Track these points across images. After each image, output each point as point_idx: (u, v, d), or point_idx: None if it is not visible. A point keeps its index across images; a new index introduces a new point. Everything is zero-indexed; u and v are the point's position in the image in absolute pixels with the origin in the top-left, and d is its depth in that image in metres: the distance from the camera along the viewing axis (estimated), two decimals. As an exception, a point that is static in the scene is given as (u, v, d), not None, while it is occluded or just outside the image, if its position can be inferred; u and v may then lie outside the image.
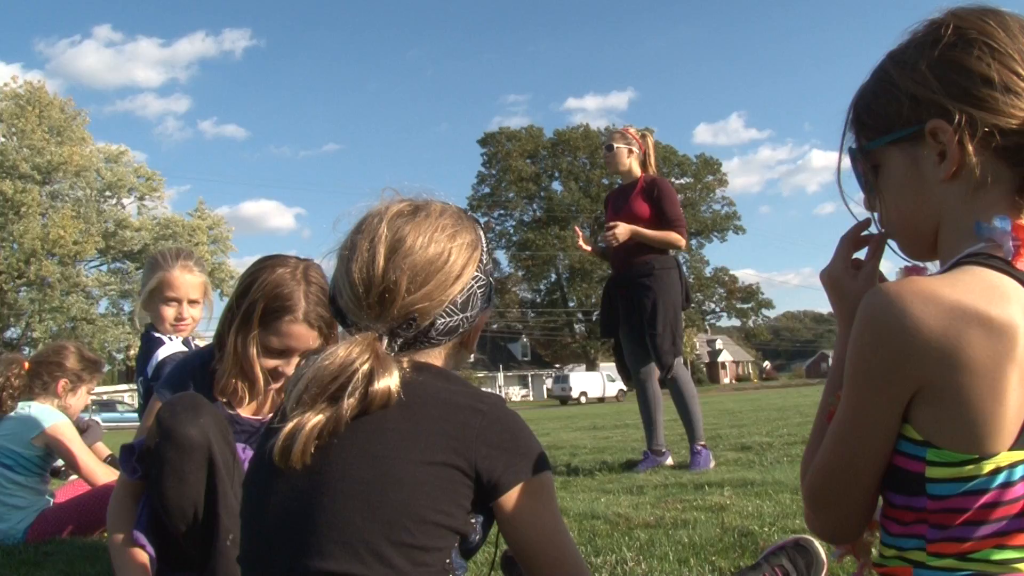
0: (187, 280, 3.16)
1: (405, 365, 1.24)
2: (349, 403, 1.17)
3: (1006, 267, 0.98)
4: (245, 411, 2.21)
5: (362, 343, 1.21)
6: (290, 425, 1.17)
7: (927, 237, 1.13)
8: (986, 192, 1.04)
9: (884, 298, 0.96)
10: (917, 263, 1.19)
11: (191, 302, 3.19)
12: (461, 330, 1.33)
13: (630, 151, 5.13)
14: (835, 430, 1.06)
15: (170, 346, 3.09)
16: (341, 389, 1.18)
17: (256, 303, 2.06)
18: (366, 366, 1.18)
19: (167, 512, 1.92)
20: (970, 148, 1.03)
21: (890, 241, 1.21)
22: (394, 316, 1.25)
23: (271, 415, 2.23)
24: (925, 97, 1.06)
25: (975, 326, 0.92)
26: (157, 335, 3.14)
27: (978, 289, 0.95)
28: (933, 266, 1.16)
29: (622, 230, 4.91)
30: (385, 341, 1.24)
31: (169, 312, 3.13)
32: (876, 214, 1.21)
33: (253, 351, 2.09)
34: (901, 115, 1.09)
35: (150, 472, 1.94)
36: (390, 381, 1.19)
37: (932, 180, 1.08)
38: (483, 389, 1.34)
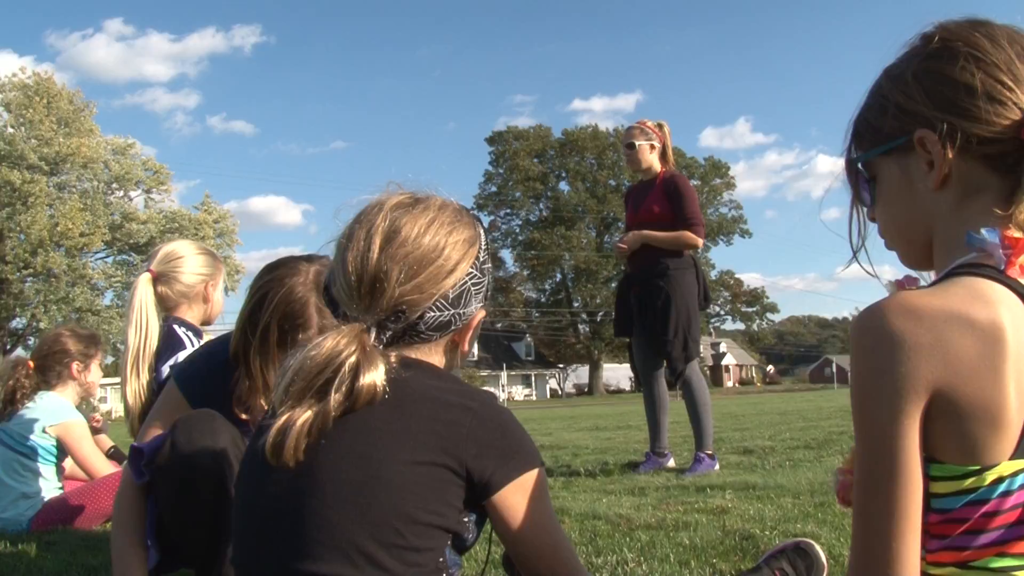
0: None
1: (393, 360, 1.23)
2: (336, 398, 1.16)
3: (997, 275, 0.99)
4: None
5: (349, 334, 1.20)
6: (280, 421, 1.17)
7: (922, 246, 1.14)
8: (975, 200, 1.06)
9: (867, 318, 0.97)
10: (910, 274, 1.20)
11: None
12: (452, 327, 1.32)
13: (652, 147, 5.02)
14: (859, 477, 0.99)
15: (191, 351, 2.82)
16: (328, 383, 1.17)
17: (270, 325, 1.95)
18: (352, 359, 1.17)
19: (175, 531, 1.90)
20: (950, 156, 1.04)
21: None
22: (383, 307, 1.24)
23: None
24: (912, 108, 1.09)
25: (959, 329, 0.93)
26: (180, 333, 2.89)
27: (962, 295, 0.96)
28: (926, 278, 1.16)
29: (631, 239, 4.89)
30: (373, 333, 1.23)
31: None
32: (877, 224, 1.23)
33: (275, 374, 2.03)
34: (891, 126, 1.12)
35: (160, 491, 1.90)
36: (376, 376, 1.18)
37: (922, 189, 1.10)
38: (481, 387, 1.34)
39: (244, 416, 2.07)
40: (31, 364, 3.72)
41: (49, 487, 3.61)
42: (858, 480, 0.98)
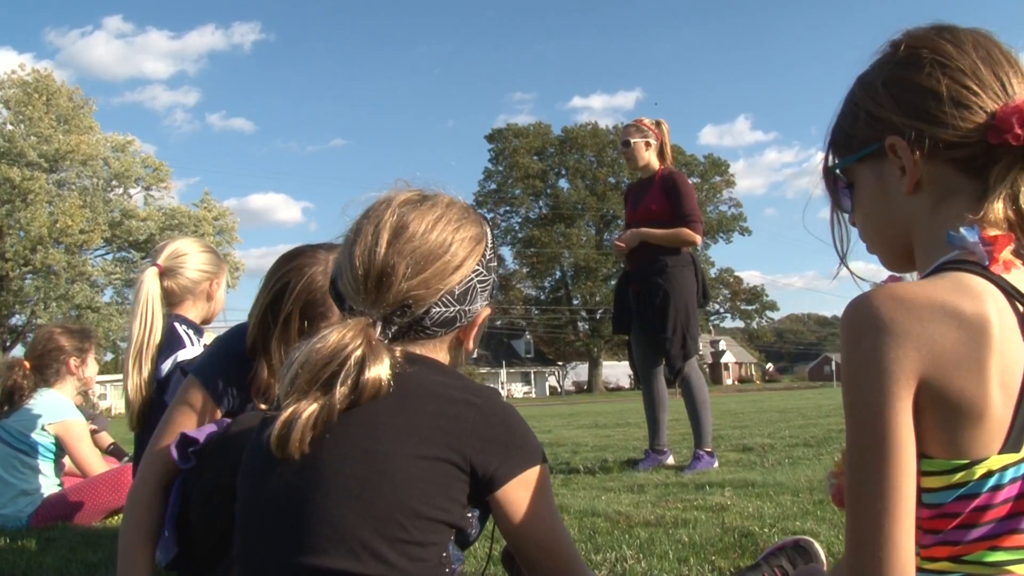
0: None
1: (398, 355, 1.23)
2: (341, 392, 1.17)
3: (981, 271, 1.00)
4: None
5: (355, 328, 1.21)
6: (286, 413, 1.17)
7: (903, 250, 1.16)
8: (950, 203, 1.08)
9: (856, 306, 0.98)
10: (894, 275, 1.21)
11: None
12: (458, 323, 1.33)
13: (648, 144, 5.01)
14: (850, 461, 0.99)
15: (191, 350, 2.84)
16: (333, 376, 1.17)
17: (292, 314, 1.96)
18: (358, 352, 1.18)
19: (200, 525, 1.89)
20: (917, 160, 1.07)
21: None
22: (389, 302, 1.25)
23: None
24: (882, 115, 1.11)
25: (946, 320, 0.94)
26: (180, 331, 2.88)
27: (949, 287, 0.98)
28: (911, 279, 1.18)
29: (629, 237, 4.89)
30: (379, 327, 1.24)
31: None
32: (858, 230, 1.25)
33: None
34: (864, 134, 1.15)
35: (202, 480, 1.87)
36: (381, 370, 1.18)
37: (897, 194, 1.12)
38: (480, 383, 1.34)
39: (263, 407, 2.06)
40: (27, 364, 3.72)
41: (48, 484, 3.62)
42: (850, 465, 0.98)
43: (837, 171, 1.21)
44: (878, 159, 1.13)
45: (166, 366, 2.77)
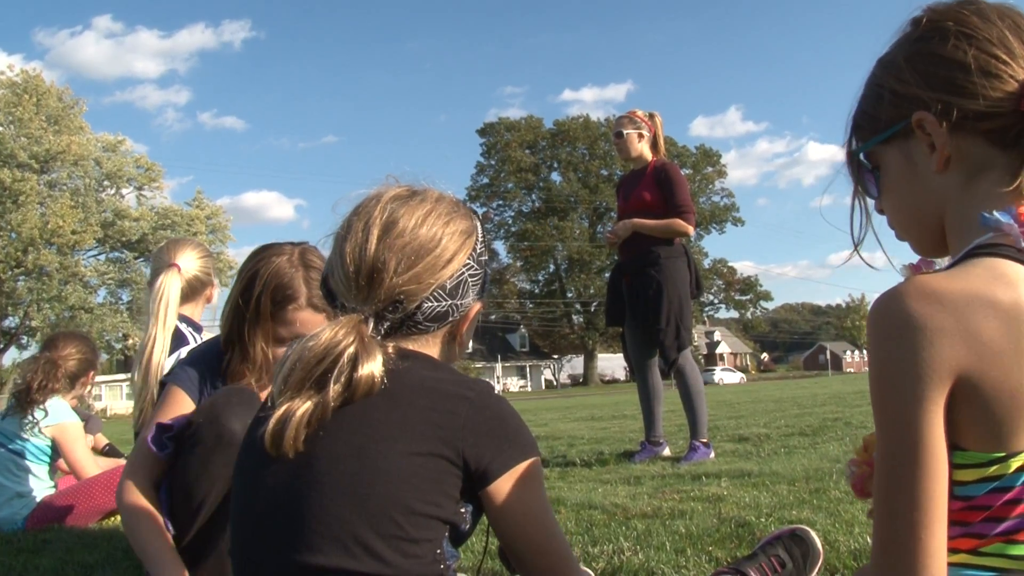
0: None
1: (391, 351, 1.23)
2: (335, 389, 1.16)
3: (1016, 255, 0.97)
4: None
5: (347, 325, 1.20)
6: (280, 411, 1.17)
7: (934, 232, 1.12)
8: (983, 179, 1.04)
9: (886, 303, 0.95)
10: (927, 260, 1.18)
11: None
12: (450, 318, 1.32)
13: (640, 135, 5.02)
14: (882, 466, 0.95)
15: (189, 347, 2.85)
16: (327, 374, 1.17)
17: (262, 298, 2.05)
18: (351, 349, 1.18)
19: (179, 491, 1.89)
20: (944, 133, 1.03)
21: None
22: (381, 298, 1.24)
23: None
24: (906, 92, 1.07)
25: (983, 311, 0.91)
26: (182, 329, 2.93)
27: (982, 276, 0.94)
28: (942, 263, 1.14)
29: (621, 228, 4.89)
30: (371, 324, 1.24)
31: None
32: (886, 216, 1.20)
33: (269, 346, 2.09)
34: (889, 113, 1.10)
35: (180, 449, 1.91)
36: (374, 367, 1.18)
37: (927, 173, 1.08)
38: (474, 377, 1.34)
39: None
40: (63, 370, 3.70)
41: (42, 486, 3.61)
42: (881, 471, 0.95)
43: (861, 155, 1.17)
44: (905, 138, 1.09)
45: (168, 363, 2.78)
